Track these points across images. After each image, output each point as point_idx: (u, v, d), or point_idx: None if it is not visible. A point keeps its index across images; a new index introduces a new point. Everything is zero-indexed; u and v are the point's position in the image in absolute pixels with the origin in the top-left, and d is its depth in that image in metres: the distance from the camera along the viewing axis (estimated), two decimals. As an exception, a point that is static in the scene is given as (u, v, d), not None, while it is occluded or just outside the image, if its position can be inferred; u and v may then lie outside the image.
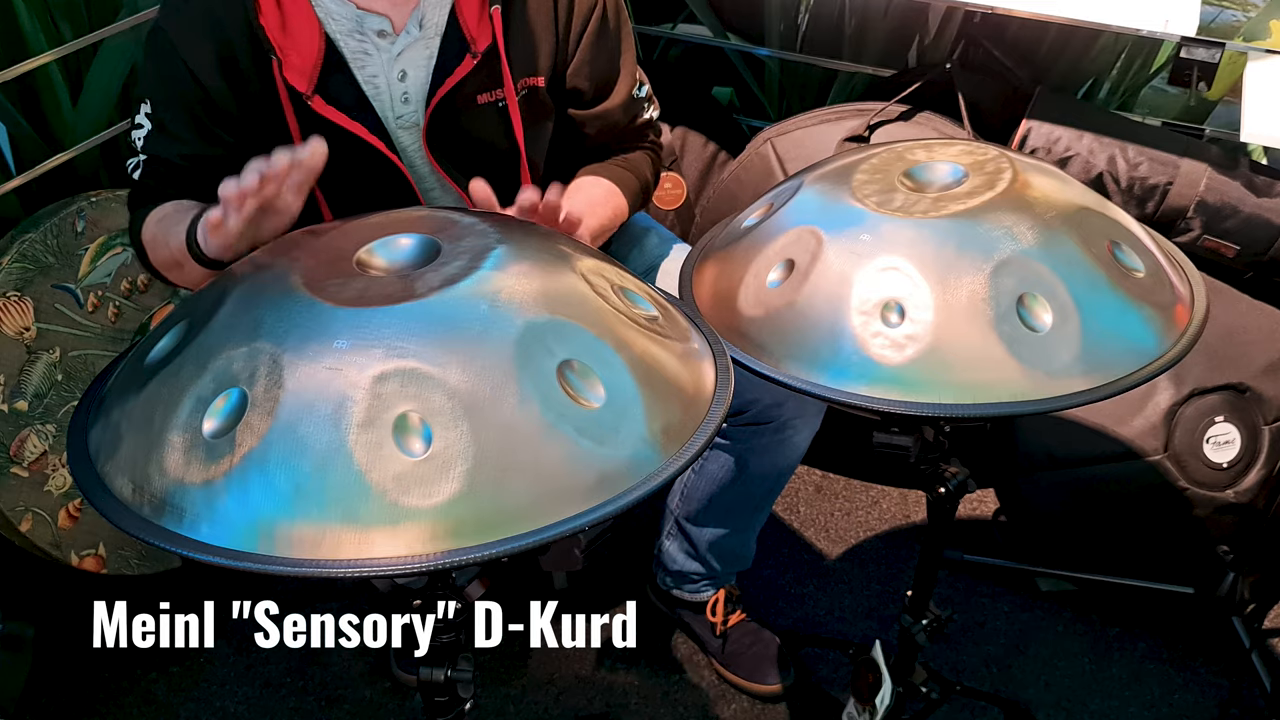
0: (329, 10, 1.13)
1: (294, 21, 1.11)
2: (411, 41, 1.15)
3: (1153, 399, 1.66)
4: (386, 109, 1.18)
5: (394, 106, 1.18)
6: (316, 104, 1.12)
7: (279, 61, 1.11)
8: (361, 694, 1.63)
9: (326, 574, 0.66)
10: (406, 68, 1.17)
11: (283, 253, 0.86)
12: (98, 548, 1.62)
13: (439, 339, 0.72)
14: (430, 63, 1.17)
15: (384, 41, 1.15)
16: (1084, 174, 1.72)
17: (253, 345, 0.72)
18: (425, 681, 0.94)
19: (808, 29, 2.25)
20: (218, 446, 0.69)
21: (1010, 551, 1.82)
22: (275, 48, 1.10)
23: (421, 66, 1.17)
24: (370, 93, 1.16)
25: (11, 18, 1.61)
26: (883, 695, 1.34)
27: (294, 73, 1.11)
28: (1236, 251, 1.70)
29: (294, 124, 1.14)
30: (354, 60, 1.15)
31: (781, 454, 1.41)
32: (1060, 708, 1.62)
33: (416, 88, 1.18)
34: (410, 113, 1.19)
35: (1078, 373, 0.88)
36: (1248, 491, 1.64)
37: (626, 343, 0.78)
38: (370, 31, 1.14)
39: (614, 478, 0.71)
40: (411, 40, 1.15)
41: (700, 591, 1.65)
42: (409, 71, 1.17)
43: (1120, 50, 2.15)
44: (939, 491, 1.15)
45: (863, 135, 1.85)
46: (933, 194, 0.98)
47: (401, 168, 1.20)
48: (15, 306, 1.50)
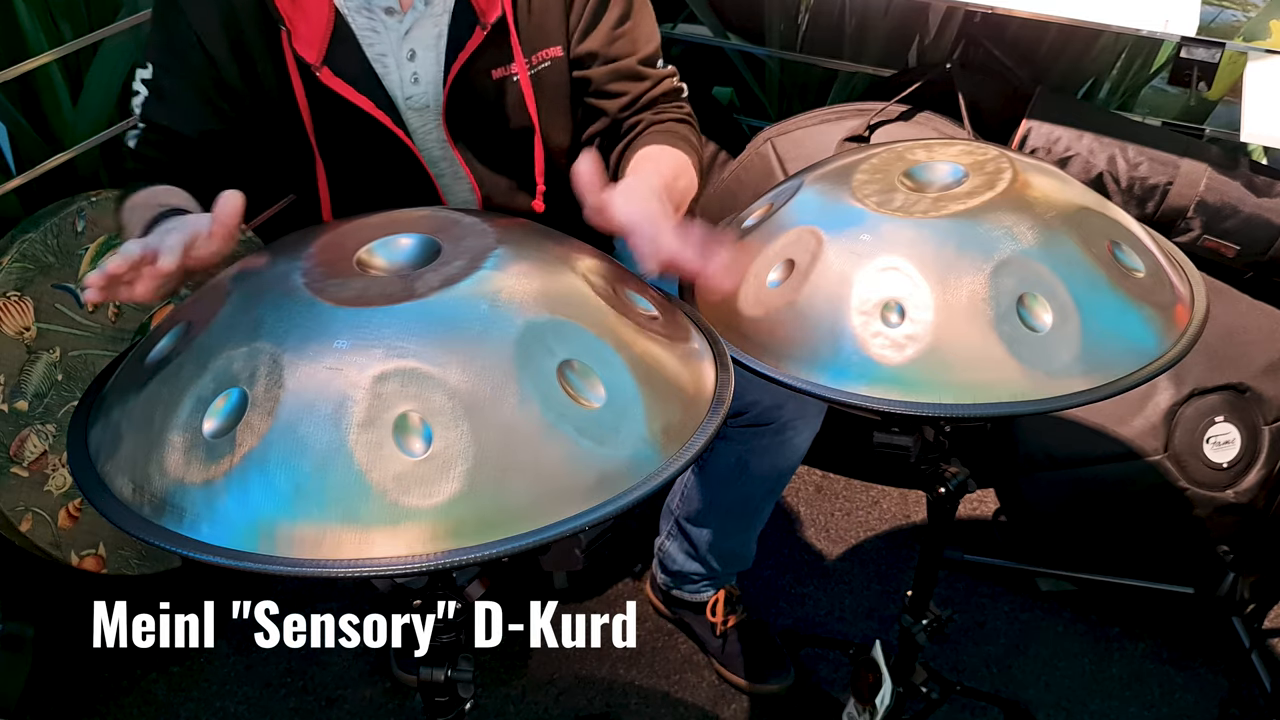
0: None
1: None
2: (419, 18, 1.15)
3: (1153, 399, 1.66)
4: (395, 88, 1.18)
5: (403, 87, 1.18)
6: (325, 76, 1.12)
7: (288, 32, 1.11)
8: (361, 694, 1.62)
9: (326, 574, 0.66)
10: (415, 47, 1.16)
11: (283, 252, 0.86)
12: (98, 548, 1.62)
13: (439, 339, 0.72)
14: (440, 42, 1.16)
15: (392, 20, 1.15)
16: (1084, 174, 1.72)
17: (253, 345, 0.72)
18: (425, 681, 0.94)
19: (808, 29, 2.25)
20: (218, 446, 0.69)
21: (1010, 551, 1.82)
22: (284, 18, 1.10)
23: (430, 46, 1.16)
24: (379, 71, 1.16)
25: (11, 18, 1.61)
26: (883, 695, 1.34)
27: (303, 44, 1.11)
28: (1237, 251, 1.70)
29: (302, 96, 1.14)
30: (363, 38, 1.15)
31: (782, 455, 1.41)
32: (1060, 708, 1.62)
33: (427, 68, 1.17)
34: (420, 94, 1.18)
35: (1078, 373, 0.88)
36: (1248, 491, 1.64)
37: (626, 343, 0.78)
38: (378, 9, 1.14)
39: (614, 478, 0.71)
40: (419, 17, 1.15)
41: (700, 592, 1.65)
42: (418, 51, 1.16)
43: (1120, 50, 2.15)
44: (939, 491, 1.15)
45: (863, 135, 1.85)
46: (933, 194, 0.98)
47: (410, 145, 1.19)
48: (15, 306, 1.50)
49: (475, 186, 1.25)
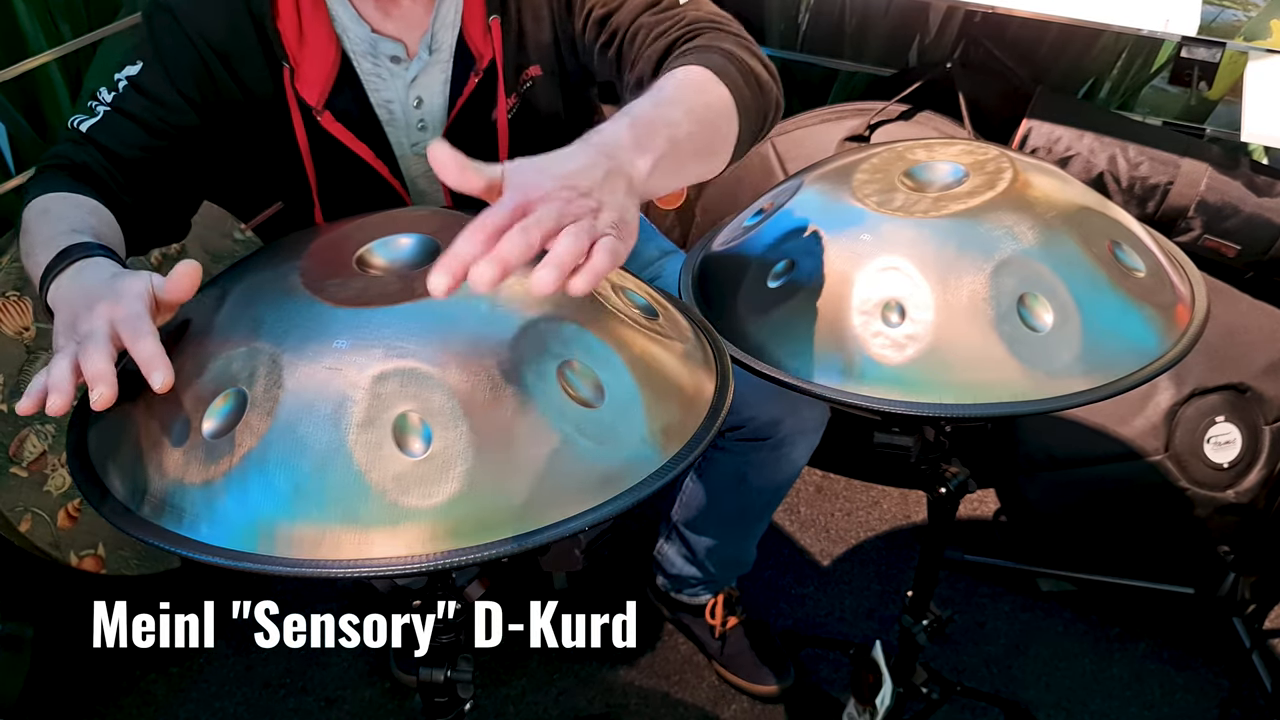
0: (345, 27, 1.10)
1: (311, 33, 1.08)
2: (424, 66, 1.13)
3: (1153, 399, 1.66)
4: (401, 135, 1.16)
5: (409, 133, 1.16)
6: (325, 120, 1.10)
7: (291, 71, 1.08)
8: (361, 694, 1.62)
9: (326, 574, 0.66)
10: (422, 94, 1.14)
11: (282, 252, 0.86)
12: (97, 548, 1.62)
13: (439, 339, 0.72)
14: (445, 88, 1.14)
15: (398, 67, 1.12)
16: (1085, 174, 1.72)
17: (252, 345, 0.72)
18: (425, 682, 0.94)
19: (808, 28, 2.25)
20: (217, 446, 0.69)
21: (1010, 551, 1.82)
22: (289, 57, 1.08)
23: (438, 92, 1.14)
24: (384, 117, 1.14)
25: (11, 17, 1.61)
26: (883, 696, 1.34)
27: (305, 85, 1.09)
28: (1237, 251, 1.70)
29: (302, 136, 1.12)
30: (368, 83, 1.12)
31: (779, 470, 1.40)
32: (1060, 708, 1.62)
33: (433, 114, 1.15)
34: (427, 140, 1.16)
35: (1078, 373, 0.88)
36: (1248, 492, 1.64)
37: (626, 343, 0.78)
38: (384, 56, 1.12)
39: (614, 478, 0.71)
40: (424, 65, 1.13)
41: (699, 595, 1.65)
42: (424, 98, 1.14)
43: (1121, 50, 2.15)
44: (939, 491, 1.15)
45: (863, 135, 1.85)
46: (933, 194, 0.98)
47: (404, 195, 1.18)
48: (15, 306, 1.50)
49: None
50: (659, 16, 1.03)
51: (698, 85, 0.89)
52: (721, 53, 0.94)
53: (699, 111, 0.85)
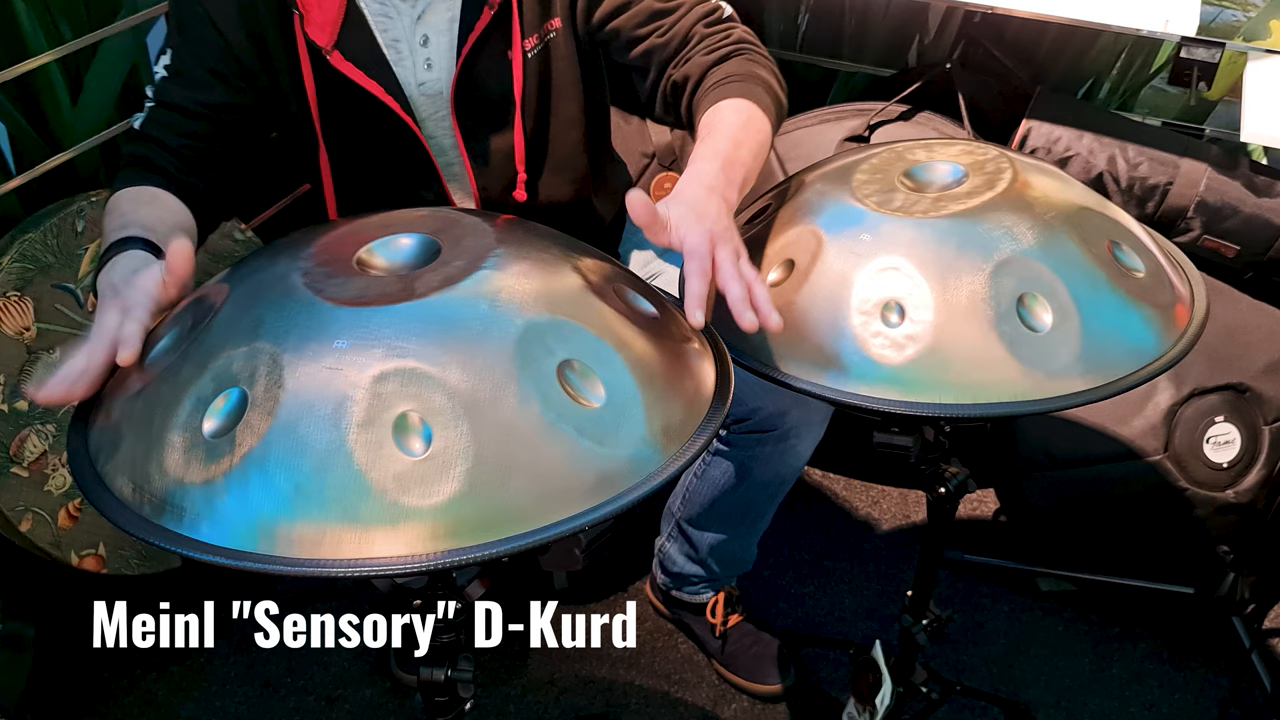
0: None
1: None
2: (431, 3, 1.15)
3: (1153, 399, 1.66)
4: (409, 74, 1.17)
5: (416, 73, 1.17)
6: (335, 59, 1.12)
7: (300, 16, 1.11)
8: (362, 693, 1.63)
9: (326, 574, 0.66)
10: (429, 32, 1.16)
11: (283, 252, 0.86)
12: (98, 547, 1.62)
13: (439, 339, 0.72)
14: (453, 26, 1.16)
15: (405, 5, 1.14)
16: (1084, 174, 1.72)
17: (253, 345, 0.72)
18: (425, 681, 0.94)
19: (807, 28, 2.25)
20: (218, 446, 0.69)
21: (1010, 551, 1.82)
22: (297, 2, 1.10)
23: (444, 31, 1.16)
24: (392, 57, 1.16)
25: (11, 18, 1.61)
26: (883, 695, 1.34)
27: (314, 28, 1.11)
28: (1237, 251, 1.70)
29: (310, 81, 1.14)
30: (376, 23, 1.14)
31: (784, 462, 1.40)
32: (1060, 708, 1.62)
33: (440, 53, 1.17)
34: (434, 80, 1.18)
35: (1078, 373, 0.88)
36: (1248, 491, 1.64)
37: (626, 343, 0.78)
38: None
39: (614, 478, 0.71)
40: (431, 2, 1.15)
41: (700, 593, 1.65)
42: (431, 36, 1.16)
43: (1120, 50, 2.15)
44: (939, 491, 1.15)
45: (863, 135, 1.85)
46: (933, 194, 0.98)
47: (417, 132, 1.19)
48: (15, 306, 1.50)
49: (471, 176, 1.24)
50: (713, 29, 1.16)
51: (756, 125, 1.06)
52: (763, 85, 1.10)
53: (755, 149, 1.04)
